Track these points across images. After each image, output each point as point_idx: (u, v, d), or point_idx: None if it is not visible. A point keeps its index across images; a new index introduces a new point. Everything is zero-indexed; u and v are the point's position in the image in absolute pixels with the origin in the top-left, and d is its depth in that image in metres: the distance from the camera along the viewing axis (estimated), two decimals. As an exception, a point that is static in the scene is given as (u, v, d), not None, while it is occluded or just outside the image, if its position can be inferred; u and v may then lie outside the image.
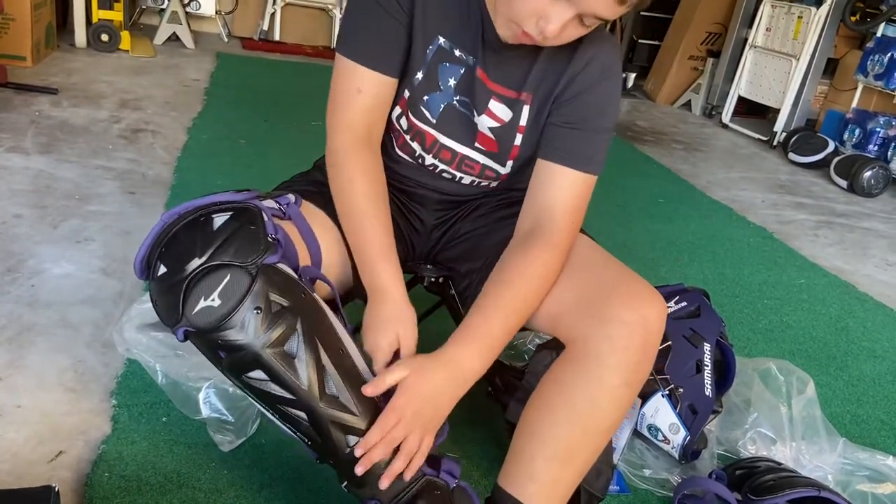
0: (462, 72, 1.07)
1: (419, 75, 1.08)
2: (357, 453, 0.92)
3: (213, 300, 0.88)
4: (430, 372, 0.94)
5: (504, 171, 1.15)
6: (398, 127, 1.14)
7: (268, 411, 0.96)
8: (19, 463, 1.16)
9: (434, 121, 1.10)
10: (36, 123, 2.67)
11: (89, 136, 2.64)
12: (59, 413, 1.27)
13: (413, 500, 0.95)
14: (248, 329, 0.88)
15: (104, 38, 3.90)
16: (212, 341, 0.90)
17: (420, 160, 1.16)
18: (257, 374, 0.91)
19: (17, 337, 1.46)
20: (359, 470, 0.92)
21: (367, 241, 1.03)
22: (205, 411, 1.25)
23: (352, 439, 0.93)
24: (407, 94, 1.09)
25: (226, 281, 0.88)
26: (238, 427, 1.25)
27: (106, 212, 2.06)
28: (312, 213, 1.08)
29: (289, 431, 0.97)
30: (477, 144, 1.12)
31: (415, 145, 1.14)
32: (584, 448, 0.97)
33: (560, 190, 1.05)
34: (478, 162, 1.14)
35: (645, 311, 0.95)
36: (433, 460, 0.99)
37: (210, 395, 1.25)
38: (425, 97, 1.09)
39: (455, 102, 1.09)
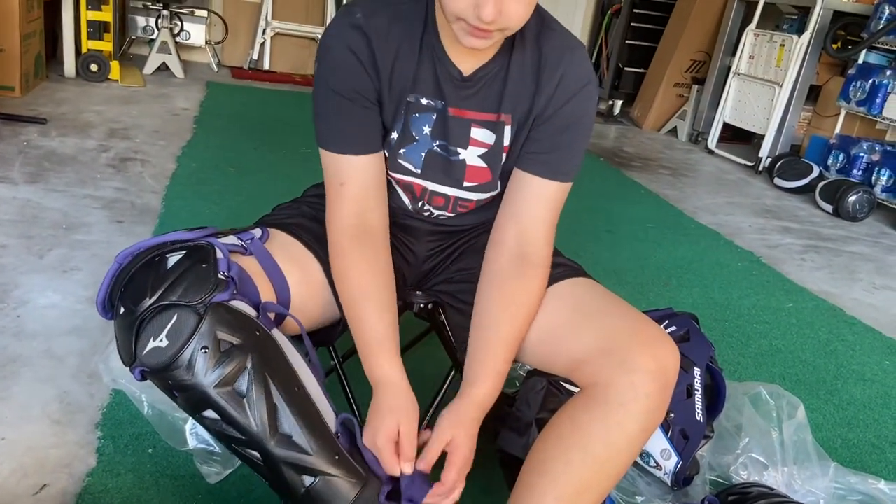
0: (434, 117, 1.06)
1: (394, 135, 1.08)
2: None
3: (161, 340, 0.88)
4: (469, 420, 0.99)
5: (498, 191, 1.15)
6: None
7: (230, 452, 0.95)
8: (3, 496, 1.13)
9: (418, 171, 1.10)
10: (24, 153, 2.66)
11: (77, 165, 2.63)
12: (44, 445, 1.25)
13: None
14: (196, 368, 0.88)
15: (93, 68, 3.92)
16: (164, 381, 0.90)
17: (416, 206, 1.16)
18: (210, 413, 0.90)
19: (2, 368, 1.44)
20: None
21: (363, 331, 1.03)
22: (191, 442, 1.24)
23: (307, 479, 0.92)
24: (385, 153, 1.10)
25: (173, 321, 0.89)
26: (225, 458, 1.23)
27: (93, 241, 2.05)
28: (284, 248, 1.07)
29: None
30: (466, 183, 1.11)
31: (405, 199, 1.15)
32: (595, 489, 0.97)
33: (541, 202, 1.09)
34: (471, 200, 1.14)
35: (665, 360, 0.97)
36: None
37: (197, 426, 1.23)
38: (402, 150, 1.09)
39: (436, 148, 1.09)
